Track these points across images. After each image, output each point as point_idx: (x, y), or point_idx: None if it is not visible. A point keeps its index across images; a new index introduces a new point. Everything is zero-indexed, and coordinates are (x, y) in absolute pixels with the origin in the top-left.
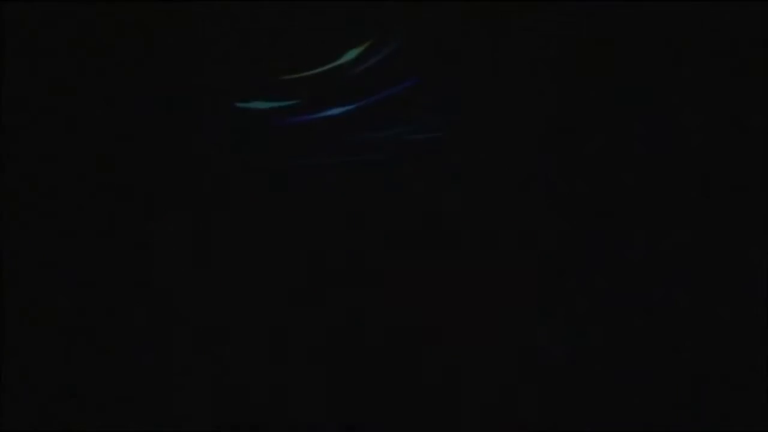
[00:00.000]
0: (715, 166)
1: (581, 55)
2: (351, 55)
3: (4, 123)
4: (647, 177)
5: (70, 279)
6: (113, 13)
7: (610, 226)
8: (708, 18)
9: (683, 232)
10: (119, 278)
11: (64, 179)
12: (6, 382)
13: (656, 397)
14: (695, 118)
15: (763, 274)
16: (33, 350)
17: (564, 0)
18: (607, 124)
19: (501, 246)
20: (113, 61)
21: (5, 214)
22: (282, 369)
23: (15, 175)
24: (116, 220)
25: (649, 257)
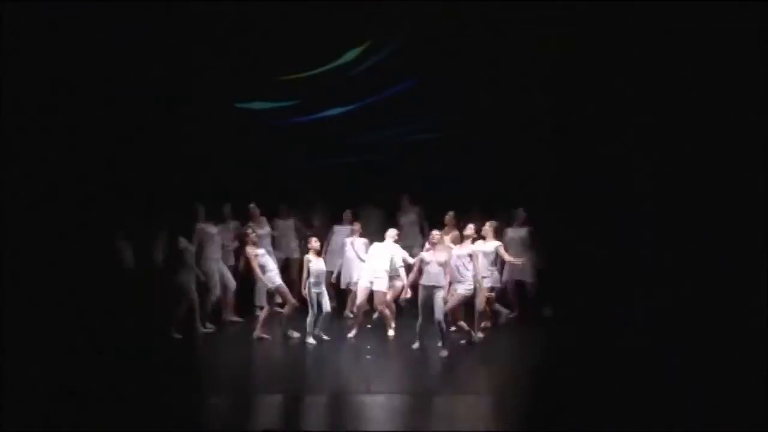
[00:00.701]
0: (715, 165)
1: (581, 55)
2: (351, 55)
3: (4, 123)
4: (648, 177)
5: (70, 279)
6: (113, 14)
7: (611, 225)
8: (708, 18)
9: (683, 232)
10: (119, 278)
11: (64, 179)
12: (6, 382)
13: (656, 397)
14: (695, 118)
15: (764, 274)
16: (33, 350)
17: (564, 0)
18: (606, 124)
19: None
20: (113, 61)
21: (5, 214)
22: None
23: (15, 175)
24: (115, 220)
25: (653, 257)
